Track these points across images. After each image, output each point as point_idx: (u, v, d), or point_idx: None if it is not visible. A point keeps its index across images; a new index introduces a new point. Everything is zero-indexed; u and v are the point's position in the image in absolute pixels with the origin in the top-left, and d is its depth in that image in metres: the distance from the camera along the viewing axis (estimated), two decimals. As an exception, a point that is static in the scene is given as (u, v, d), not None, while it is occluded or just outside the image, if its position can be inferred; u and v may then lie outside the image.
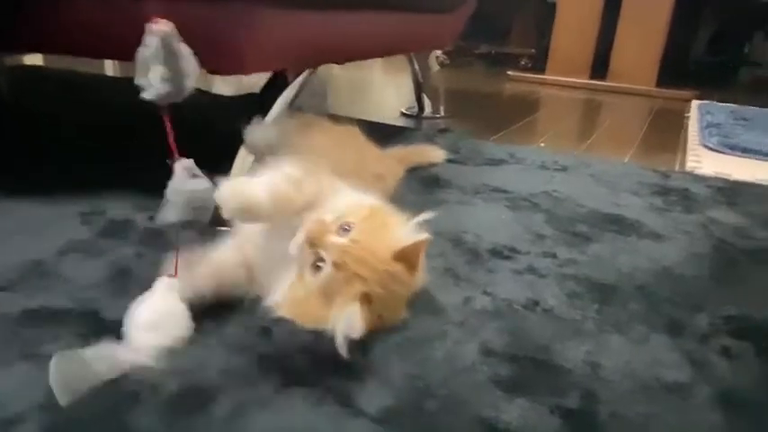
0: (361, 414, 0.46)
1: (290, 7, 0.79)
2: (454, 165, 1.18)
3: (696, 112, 2.01)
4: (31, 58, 2.21)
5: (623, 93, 2.49)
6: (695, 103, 2.19)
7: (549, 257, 0.77)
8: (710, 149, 1.49)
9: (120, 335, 0.51)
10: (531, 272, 0.73)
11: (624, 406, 0.49)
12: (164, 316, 0.52)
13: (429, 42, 1.64)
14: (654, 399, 0.51)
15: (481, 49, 3.28)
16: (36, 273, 0.64)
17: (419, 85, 1.73)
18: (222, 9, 0.71)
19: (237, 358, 0.52)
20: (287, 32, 0.82)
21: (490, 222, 0.89)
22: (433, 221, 0.57)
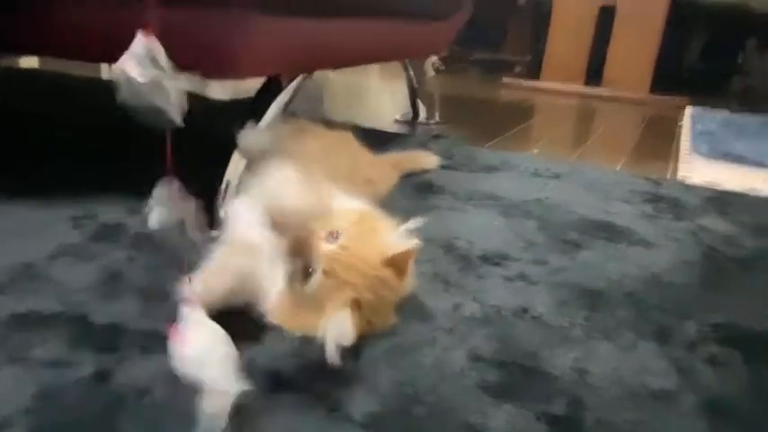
0: (349, 420, 0.47)
1: (285, 14, 0.80)
2: (448, 171, 1.19)
3: (689, 119, 2.03)
4: (27, 60, 2.21)
5: (617, 100, 2.51)
6: (688, 111, 2.21)
7: (540, 264, 0.78)
8: (702, 156, 1.51)
9: (108, 340, 0.50)
10: (522, 278, 0.73)
11: (611, 413, 0.50)
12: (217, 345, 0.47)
13: (424, 49, 1.64)
14: (640, 406, 0.51)
15: (476, 56, 3.29)
16: (26, 276, 0.64)
17: (414, 91, 1.73)
18: (218, 15, 0.72)
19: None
20: (282, 38, 0.83)
21: (482, 229, 0.89)
22: (425, 227, 0.57)
